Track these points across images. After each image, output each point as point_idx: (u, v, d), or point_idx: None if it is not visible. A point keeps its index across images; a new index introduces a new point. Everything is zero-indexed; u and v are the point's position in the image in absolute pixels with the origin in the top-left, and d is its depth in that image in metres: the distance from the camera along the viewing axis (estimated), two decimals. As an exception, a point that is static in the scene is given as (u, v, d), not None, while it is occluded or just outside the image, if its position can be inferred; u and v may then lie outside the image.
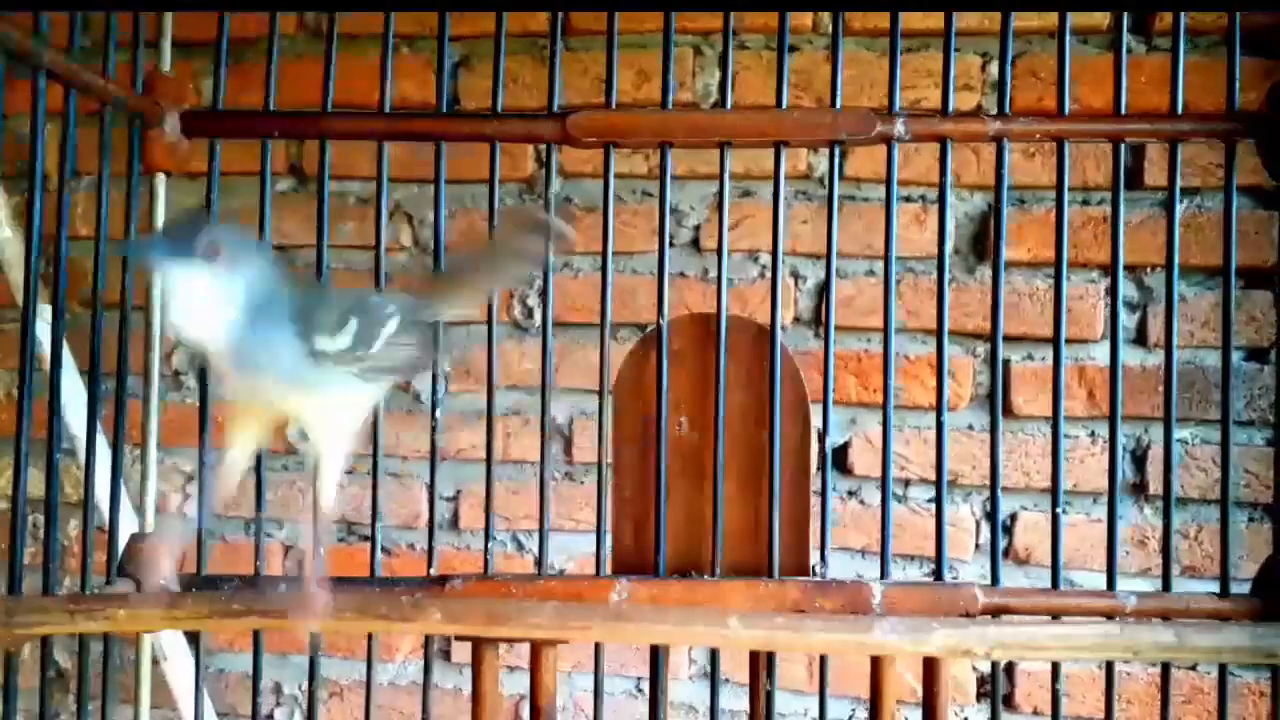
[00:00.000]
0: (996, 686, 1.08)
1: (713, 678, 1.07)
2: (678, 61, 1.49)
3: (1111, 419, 1.04)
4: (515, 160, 1.56)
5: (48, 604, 0.91)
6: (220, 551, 1.65)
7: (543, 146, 1.16)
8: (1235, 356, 1.38)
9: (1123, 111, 1.04)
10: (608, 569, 1.07)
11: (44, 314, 1.02)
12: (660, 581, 1.03)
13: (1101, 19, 1.41)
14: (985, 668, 1.50)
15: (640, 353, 1.07)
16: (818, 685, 1.08)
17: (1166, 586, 1.02)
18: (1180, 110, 1.03)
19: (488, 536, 1.09)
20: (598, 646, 1.10)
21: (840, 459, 1.53)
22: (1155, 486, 1.45)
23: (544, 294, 1.08)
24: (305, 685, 1.17)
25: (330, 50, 1.10)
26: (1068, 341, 1.05)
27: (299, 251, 1.63)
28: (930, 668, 0.90)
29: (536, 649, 0.94)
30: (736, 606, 1.00)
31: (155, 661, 1.48)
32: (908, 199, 1.50)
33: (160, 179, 1.13)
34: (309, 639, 1.10)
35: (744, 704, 1.09)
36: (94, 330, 1.05)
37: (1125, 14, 1.04)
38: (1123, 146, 1.04)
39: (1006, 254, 1.05)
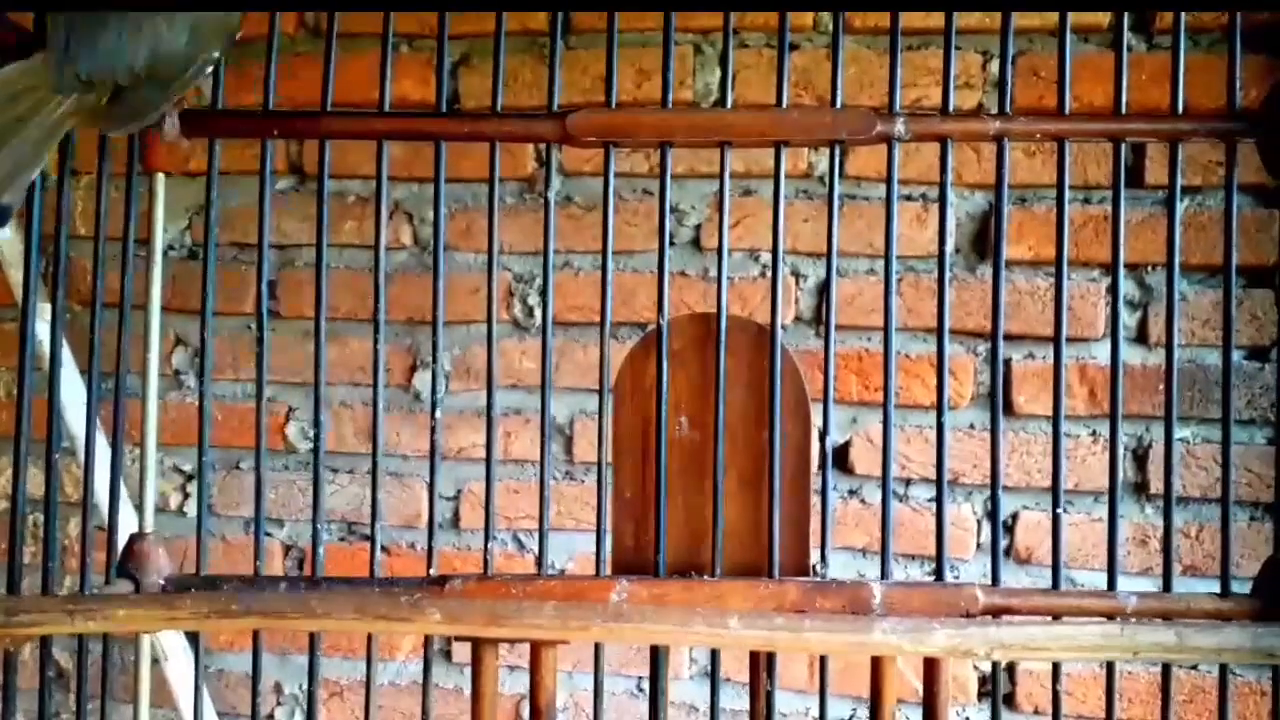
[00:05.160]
0: (997, 686, 1.08)
1: (713, 677, 1.07)
2: (678, 60, 1.49)
3: (1112, 418, 1.04)
4: (515, 159, 1.56)
5: (47, 604, 0.91)
6: (220, 551, 1.65)
7: (543, 145, 1.16)
8: (1236, 355, 1.38)
9: (1123, 110, 1.03)
10: (608, 569, 1.07)
11: (43, 313, 1.02)
12: (660, 581, 1.03)
13: (1102, 17, 1.41)
14: (986, 667, 1.50)
15: (640, 352, 1.07)
16: (818, 685, 1.08)
17: (1167, 586, 1.02)
18: (1181, 109, 1.03)
19: (488, 536, 1.09)
20: (598, 646, 1.10)
21: (841, 458, 1.53)
22: (1156, 486, 1.45)
23: (544, 293, 1.08)
24: (305, 685, 1.18)
25: (330, 50, 1.10)
26: (1069, 340, 1.04)
27: (299, 250, 1.63)
28: (931, 668, 0.90)
29: (536, 649, 0.94)
30: (737, 606, 1.00)
31: (155, 661, 1.48)
32: (908, 198, 1.50)
33: (159, 179, 1.12)
34: (309, 639, 1.09)
35: (745, 704, 1.09)
36: (93, 329, 1.05)
37: (1125, 13, 1.04)
38: (1123, 146, 1.04)
39: (1008, 253, 1.05)
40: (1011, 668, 1.48)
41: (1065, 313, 1.04)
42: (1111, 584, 1.03)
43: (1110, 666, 1.04)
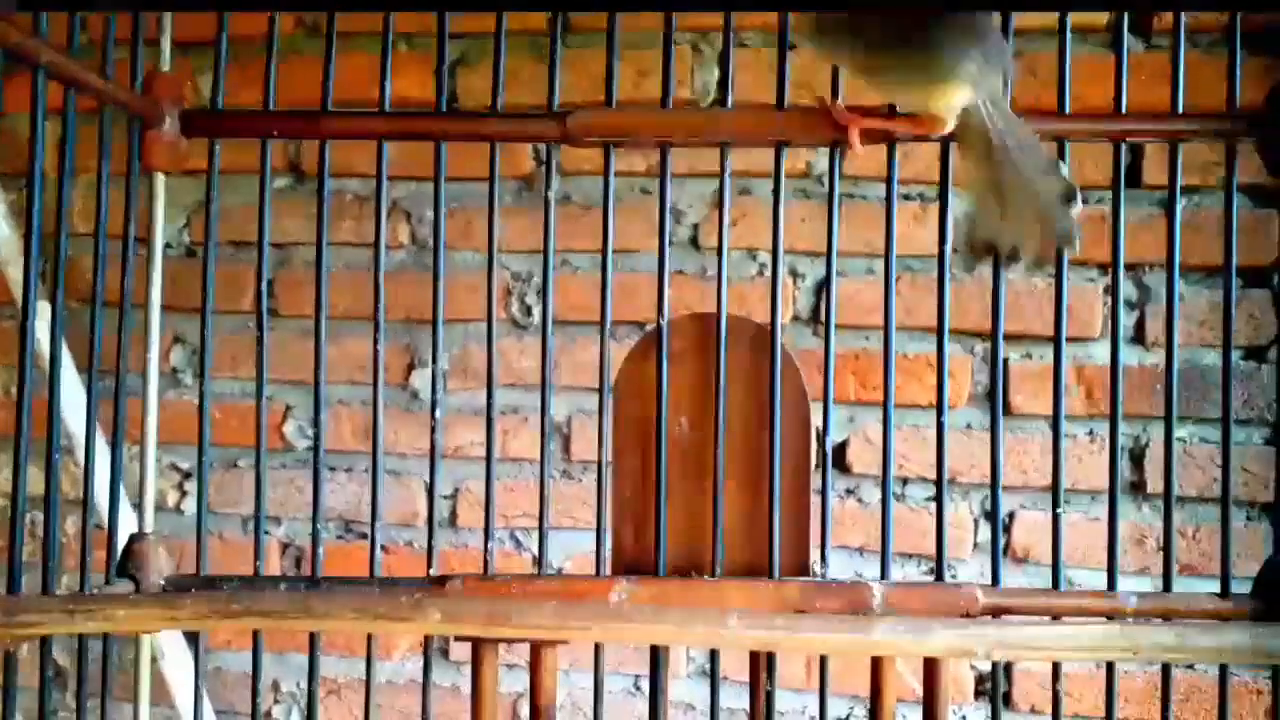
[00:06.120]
0: (996, 686, 1.08)
1: (713, 676, 1.07)
2: (676, 60, 1.49)
3: (1112, 418, 1.04)
4: (513, 158, 1.56)
5: (47, 604, 0.91)
6: (218, 550, 1.65)
7: (541, 145, 1.16)
8: (1234, 355, 1.38)
9: (1123, 111, 1.04)
10: (607, 569, 1.07)
11: (43, 312, 1.02)
12: (660, 581, 1.03)
13: (1099, 18, 1.41)
14: (983, 667, 1.50)
15: (640, 352, 1.07)
16: (817, 684, 1.08)
17: (1167, 586, 1.02)
18: (1180, 109, 1.03)
19: (487, 535, 1.08)
20: (598, 646, 1.10)
21: (838, 457, 1.53)
22: (1153, 485, 1.45)
23: (543, 292, 1.08)
24: (304, 683, 1.18)
25: (330, 49, 1.10)
26: (1066, 340, 1.05)
27: (297, 249, 1.63)
28: (930, 668, 0.90)
29: (536, 649, 0.94)
30: (737, 606, 1.00)
31: (154, 660, 1.48)
32: (905, 197, 1.50)
33: (159, 178, 1.12)
34: (309, 638, 1.09)
35: (744, 702, 1.09)
36: (92, 328, 1.05)
37: (1125, 13, 1.04)
38: (1123, 146, 1.04)
39: (1006, 252, 1.05)
40: (1008, 667, 1.49)
41: (1065, 312, 1.04)
42: (1111, 584, 1.04)
43: (1110, 666, 1.04)
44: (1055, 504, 1.04)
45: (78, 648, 1.06)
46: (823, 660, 1.08)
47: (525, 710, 1.58)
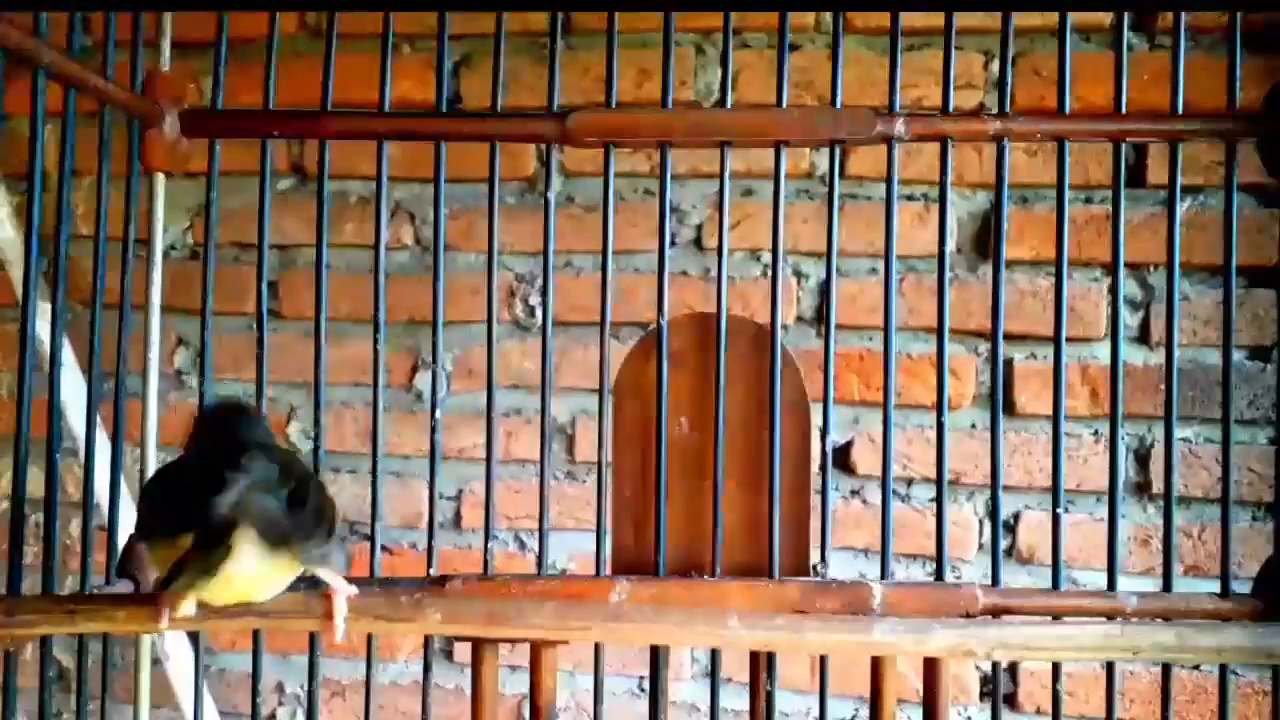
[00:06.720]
0: (998, 686, 1.08)
1: (713, 677, 1.07)
2: (678, 60, 1.49)
3: (1113, 418, 1.04)
4: (516, 159, 1.56)
5: (48, 604, 0.91)
6: (221, 551, 1.64)
7: (543, 145, 1.17)
8: (1237, 355, 1.38)
9: (1124, 110, 1.04)
10: (608, 569, 1.07)
11: (44, 313, 1.03)
12: (660, 581, 1.03)
13: (1103, 17, 1.41)
14: (988, 667, 1.50)
15: (640, 353, 1.07)
16: (819, 685, 1.07)
17: (1168, 586, 1.02)
18: (1181, 109, 1.03)
19: (488, 536, 1.08)
20: (598, 646, 1.10)
21: (843, 458, 1.53)
22: (1158, 486, 1.44)
23: (545, 293, 1.08)
24: (306, 685, 1.17)
25: (330, 50, 1.10)
26: (1070, 340, 1.04)
27: (299, 251, 1.63)
28: (931, 668, 0.90)
29: (537, 649, 0.94)
30: (737, 607, 1.00)
31: (155, 661, 1.48)
32: (909, 197, 1.49)
33: (159, 178, 1.13)
34: (309, 638, 1.10)
35: (745, 703, 1.09)
36: (93, 329, 1.05)
37: (1126, 13, 1.04)
38: (1123, 146, 1.04)
39: (1008, 252, 1.05)
40: (1014, 668, 1.48)
41: (1065, 312, 1.04)
42: (1112, 584, 1.03)
43: (1110, 667, 1.04)
44: (1055, 504, 1.03)
45: (78, 648, 1.06)
46: (824, 660, 1.08)
47: (528, 711, 1.58)
